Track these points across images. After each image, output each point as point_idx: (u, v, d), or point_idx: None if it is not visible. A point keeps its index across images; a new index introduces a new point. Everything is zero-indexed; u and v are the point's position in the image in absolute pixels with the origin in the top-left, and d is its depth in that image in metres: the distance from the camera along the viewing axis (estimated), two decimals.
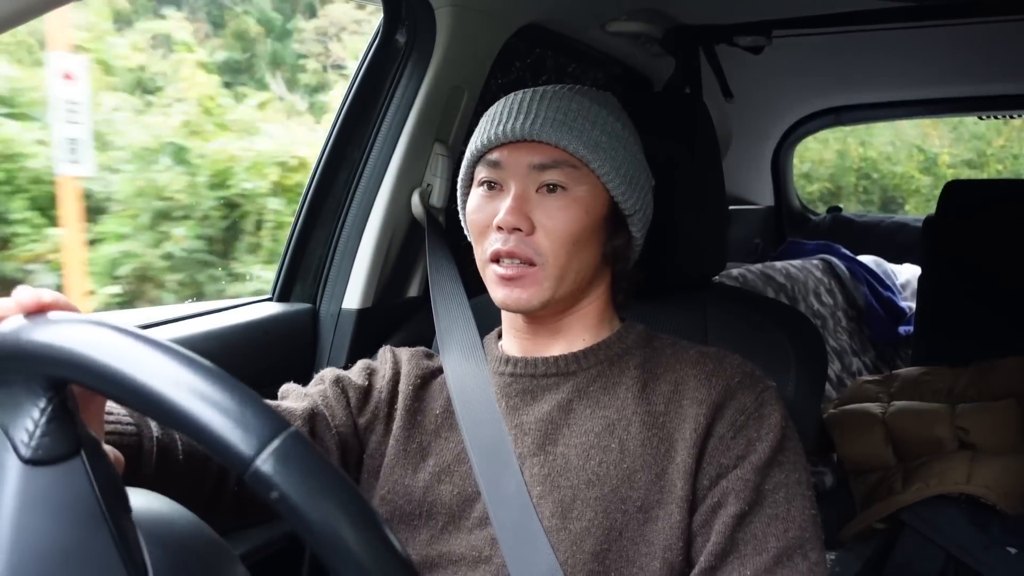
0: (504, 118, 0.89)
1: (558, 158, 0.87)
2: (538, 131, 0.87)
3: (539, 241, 0.86)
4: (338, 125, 1.38)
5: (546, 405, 0.89)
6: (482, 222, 0.89)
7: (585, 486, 0.83)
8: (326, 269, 1.39)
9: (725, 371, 0.86)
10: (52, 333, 0.47)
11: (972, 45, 1.98)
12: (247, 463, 0.42)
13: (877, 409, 1.82)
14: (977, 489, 1.57)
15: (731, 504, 0.80)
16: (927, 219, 2.23)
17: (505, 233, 0.86)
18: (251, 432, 0.43)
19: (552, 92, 0.90)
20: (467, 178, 0.95)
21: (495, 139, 0.89)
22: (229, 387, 0.44)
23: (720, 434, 0.83)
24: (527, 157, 0.87)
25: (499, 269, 0.87)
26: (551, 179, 0.87)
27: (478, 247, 0.91)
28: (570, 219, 0.86)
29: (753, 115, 2.59)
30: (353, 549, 0.42)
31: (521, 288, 0.86)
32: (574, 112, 0.88)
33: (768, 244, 3.01)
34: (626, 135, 0.91)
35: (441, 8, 1.28)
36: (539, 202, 0.87)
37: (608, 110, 0.91)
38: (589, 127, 0.88)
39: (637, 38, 1.65)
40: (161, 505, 0.53)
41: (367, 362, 1.01)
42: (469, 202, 0.93)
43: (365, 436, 0.95)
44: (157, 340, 0.46)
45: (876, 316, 2.67)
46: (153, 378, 0.44)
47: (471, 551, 0.85)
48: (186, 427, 0.43)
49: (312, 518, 0.42)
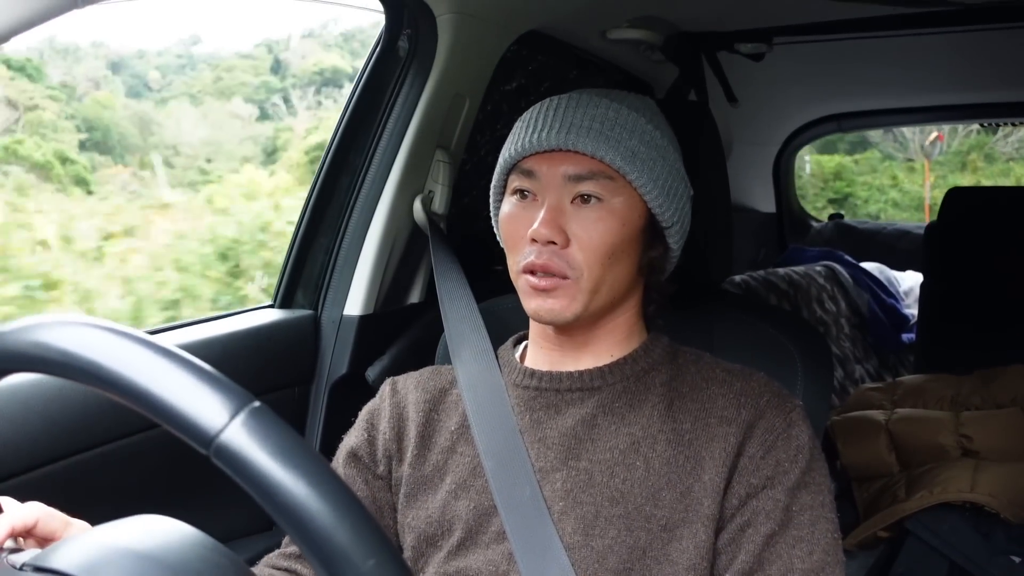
0: (539, 126, 0.86)
1: (594, 169, 0.84)
2: (573, 141, 0.84)
3: (573, 254, 0.84)
4: (340, 132, 1.38)
5: (570, 420, 0.88)
6: (516, 232, 0.87)
7: (608, 503, 0.82)
8: (328, 275, 1.39)
9: (753, 390, 0.85)
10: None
11: (973, 52, 1.98)
12: (210, 438, 0.41)
13: (880, 416, 1.81)
14: (981, 497, 1.56)
15: (761, 524, 0.80)
16: (929, 226, 2.23)
17: (539, 246, 0.84)
18: (214, 406, 0.42)
19: (589, 99, 0.87)
20: (500, 186, 0.92)
21: (529, 147, 0.86)
22: (189, 364, 0.44)
23: (750, 454, 0.82)
24: (562, 167, 0.85)
25: (532, 280, 0.85)
26: (586, 190, 0.84)
27: (511, 257, 0.89)
28: (606, 231, 0.84)
29: (754, 122, 2.59)
30: (321, 521, 0.41)
31: (555, 299, 0.84)
32: (611, 121, 0.85)
33: (770, 251, 3.00)
34: (664, 144, 0.89)
35: (443, 16, 1.28)
36: (574, 214, 0.84)
37: (647, 118, 0.88)
38: (627, 136, 0.85)
39: (638, 45, 1.66)
40: (182, 533, 0.52)
41: (368, 409, 0.99)
42: (502, 211, 0.90)
43: (390, 480, 0.94)
44: (114, 325, 0.46)
45: (879, 323, 2.67)
46: (110, 359, 0.44)
47: (488, 566, 0.84)
48: (146, 405, 0.43)
49: (279, 491, 0.41)
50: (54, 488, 1.02)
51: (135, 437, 1.11)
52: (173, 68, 10.70)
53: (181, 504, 1.13)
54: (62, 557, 0.48)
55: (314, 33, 10.73)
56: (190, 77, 10.58)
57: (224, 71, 10.25)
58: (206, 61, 10.88)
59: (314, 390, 1.39)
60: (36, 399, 1.01)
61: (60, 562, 0.47)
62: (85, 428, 1.06)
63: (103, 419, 1.07)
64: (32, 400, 1.01)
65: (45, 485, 1.01)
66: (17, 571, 0.48)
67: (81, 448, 1.06)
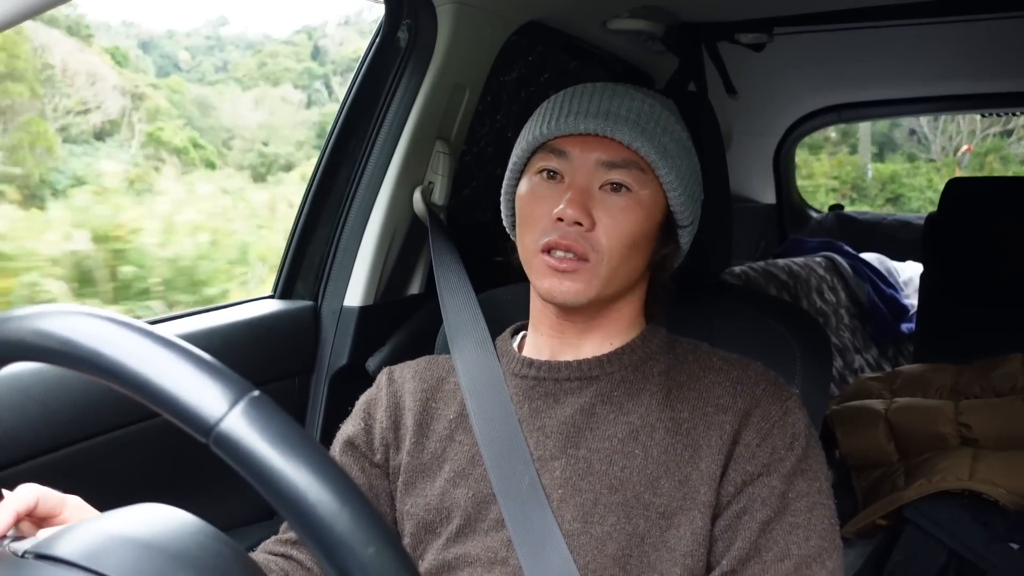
0: (576, 108, 0.87)
1: (628, 158, 0.85)
2: (611, 128, 0.85)
3: (598, 238, 0.84)
4: (340, 123, 1.38)
5: (569, 408, 0.88)
6: (537, 211, 0.87)
7: (607, 490, 0.83)
8: (328, 266, 1.40)
9: (750, 378, 0.86)
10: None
11: (974, 42, 1.97)
12: (210, 427, 0.42)
13: (880, 405, 1.81)
14: (980, 485, 1.57)
15: (757, 511, 0.80)
16: (929, 217, 2.22)
17: (565, 226, 0.84)
18: (214, 395, 0.42)
19: (625, 90, 0.89)
20: (521, 164, 0.92)
21: (564, 128, 0.87)
22: (188, 354, 0.44)
23: (746, 441, 0.83)
24: (596, 153, 0.86)
25: (550, 260, 0.85)
26: (617, 178, 0.85)
27: (528, 236, 0.88)
28: (632, 221, 0.85)
29: (754, 113, 2.59)
30: (322, 509, 0.41)
31: (572, 281, 0.85)
32: (647, 114, 0.87)
33: (770, 242, 3.00)
34: (690, 145, 0.91)
35: (442, 6, 1.28)
36: (601, 199, 0.85)
37: (675, 117, 0.90)
38: (660, 132, 0.87)
39: (638, 35, 1.65)
40: (183, 521, 0.52)
41: (365, 398, 1.00)
42: (522, 188, 0.90)
43: (387, 468, 0.95)
44: (113, 315, 0.46)
45: (879, 313, 2.67)
46: (110, 347, 0.44)
47: (487, 552, 0.84)
48: (146, 394, 0.43)
49: (278, 479, 0.41)
50: (54, 477, 1.02)
51: (135, 426, 1.12)
52: (202, 49, 10.75)
53: (181, 493, 1.13)
54: (64, 545, 0.48)
55: (350, 21, 10.83)
56: (219, 59, 10.61)
57: (268, 56, 10.32)
58: (233, 43, 10.91)
59: (314, 380, 1.39)
60: (36, 388, 1.02)
61: (62, 550, 0.47)
62: (85, 417, 1.06)
63: (103, 408, 1.08)
64: (32, 389, 1.01)
65: (45, 474, 1.01)
66: (19, 559, 0.49)
67: (81, 437, 1.06)
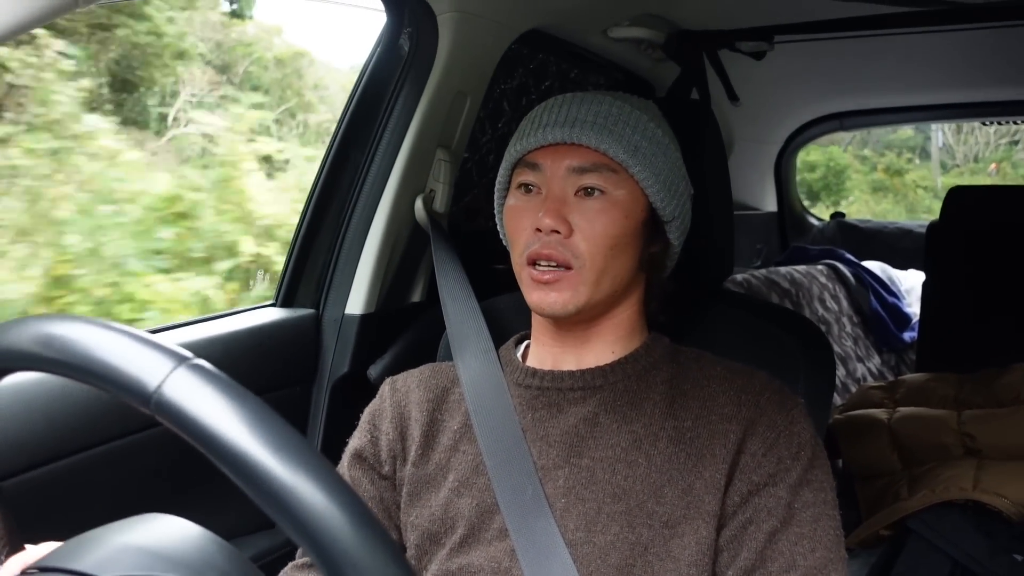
0: (544, 121, 0.89)
1: (597, 161, 0.86)
2: (578, 134, 0.86)
3: (577, 244, 0.85)
4: (342, 130, 1.38)
5: (572, 418, 0.88)
6: (520, 225, 0.89)
7: (610, 500, 0.83)
8: (329, 274, 1.39)
9: (754, 388, 0.86)
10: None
11: (975, 50, 1.98)
12: (149, 394, 0.42)
13: (883, 415, 1.81)
14: (984, 496, 1.56)
15: (764, 521, 0.80)
16: (931, 225, 2.22)
17: (543, 235, 0.85)
18: (153, 364, 0.43)
19: (593, 97, 0.90)
20: (505, 181, 0.94)
21: (534, 142, 0.88)
22: (123, 331, 0.45)
23: (752, 451, 0.82)
24: (565, 160, 0.87)
25: (535, 272, 0.86)
26: (590, 183, 0.86)
27: (515, 250, 0.90)
28: (608, 222, 0.86)
29: (755, 121, 2.59)
30: (268, 466, 0.41)
31: (557, 292, 0.85)
32: (614, 116, 0.87)
33: (771, 250, 3.00)
34: (666, 142, 0.91)
35: (444, 15, 1.28)
36: (577, 205, 0.86)
37: (648, 116, 0.90)
38: (629, 132, 0.87)
39: (639, 44, 1.65)
40: (186, 530, 0.52)
41: (370, 410, 1.00)
42: (507, 205, 0.92)
43: (395, 480, 0.95)
44: (52, 314, 0.47)
45: (881, 322, 2.67)
46: (48, 342, 0.45)
47: (490, 562, 0.84)
48: (87, 372, 0.44)
49: (220, 438, 0.42)
50: (57, 487, 1.02)
51: (139, 435, 1.11)
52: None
53: (184, 502, 1.13)
54: (71, 556, 0.48)
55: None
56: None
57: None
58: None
59: (316, 389, 1.39)
60: (39, 398, 1.01)
61: (69, 561, 0.47)
62: (88, 426, 1.06)
63: (106, 417, 1.07)
64: (35, 399, 1.01)
65: (48, 484, 1.01)
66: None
67: (85, 447, 1.06)
